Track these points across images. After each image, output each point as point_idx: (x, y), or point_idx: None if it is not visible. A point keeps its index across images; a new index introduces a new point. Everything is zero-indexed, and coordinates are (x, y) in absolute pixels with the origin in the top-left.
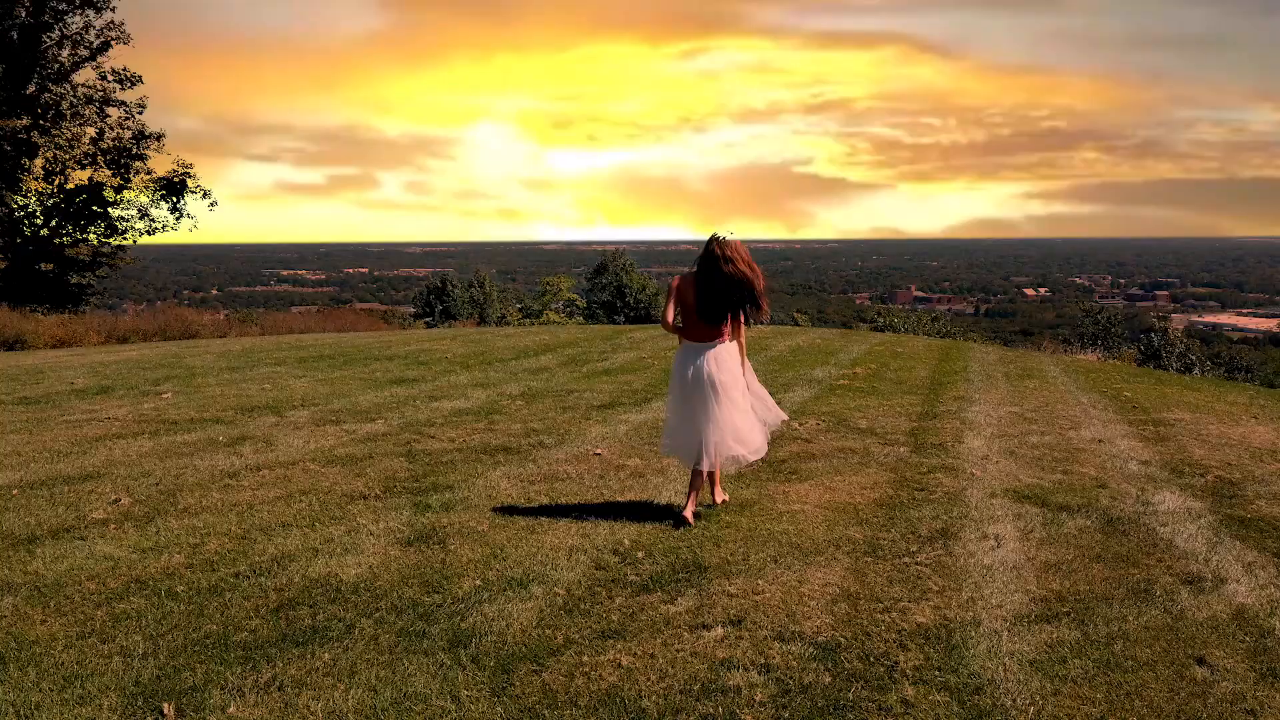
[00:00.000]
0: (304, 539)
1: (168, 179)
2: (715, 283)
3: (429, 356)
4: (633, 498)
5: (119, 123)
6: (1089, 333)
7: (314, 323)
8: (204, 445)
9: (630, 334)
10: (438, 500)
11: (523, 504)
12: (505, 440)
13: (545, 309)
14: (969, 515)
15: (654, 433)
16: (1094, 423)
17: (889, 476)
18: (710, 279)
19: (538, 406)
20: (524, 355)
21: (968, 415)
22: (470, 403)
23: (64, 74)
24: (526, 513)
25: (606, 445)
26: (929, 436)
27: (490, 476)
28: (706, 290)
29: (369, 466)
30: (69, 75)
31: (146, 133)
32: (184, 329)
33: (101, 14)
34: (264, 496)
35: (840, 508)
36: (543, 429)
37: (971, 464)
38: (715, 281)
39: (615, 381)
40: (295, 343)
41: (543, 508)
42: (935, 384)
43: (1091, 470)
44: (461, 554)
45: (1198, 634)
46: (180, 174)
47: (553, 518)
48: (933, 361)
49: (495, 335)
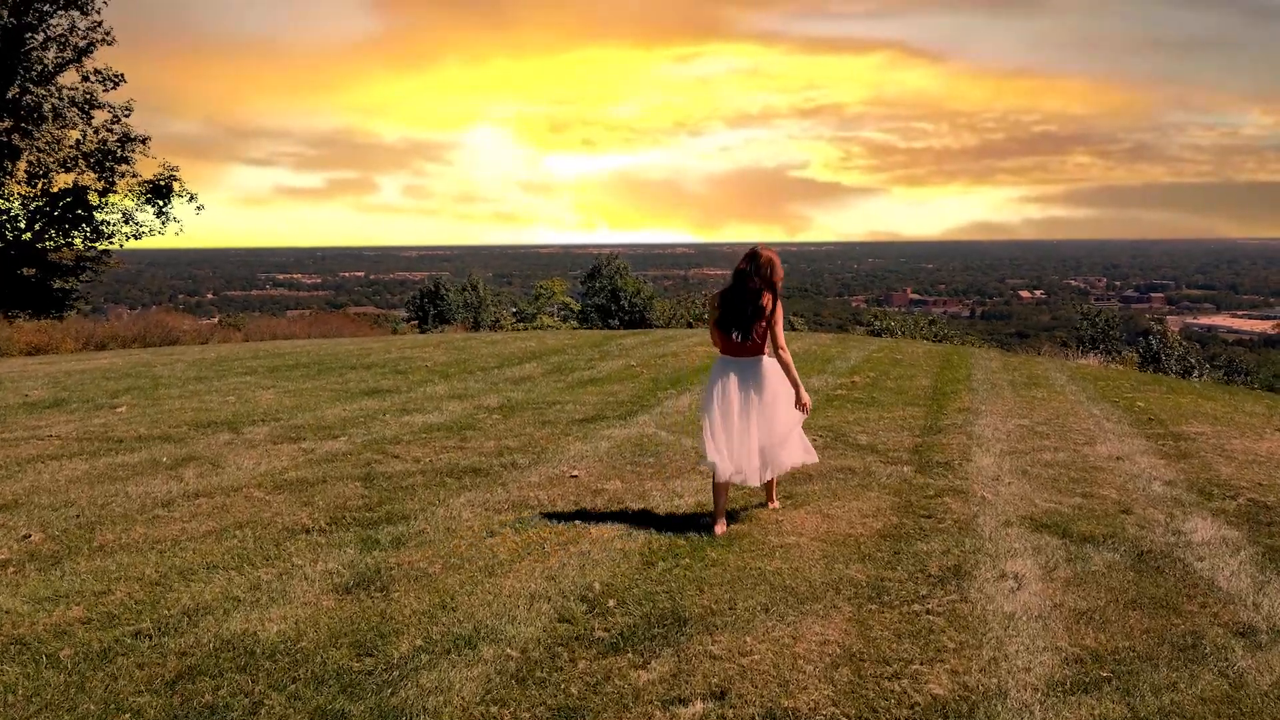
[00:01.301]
0: (227, 585)
1: (153, 182)
2: (733, 296)
3: (408, 365)
4: (608, 530)
5: (104, 125)
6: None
7: (299, 328)
8: (144, 468)
9: (620, 340)
10: (389, 534)
11: (485, 538)
12: (475, 460)
13: (539, 313)
14: (983, 549)
15: (637, 450)
16: (1109, 437)
17: (892, 501)
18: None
19: (515, 421)
20: (507, 363)
21: (974, 429)
22: (444, 417)
23: (48, 76)
24: (487, 549)
25: (585, 466)
26: (934, 453)
27: (452, 504)
28: (725, 303)
29: (320, 493)
30: (53, 77)
31: (132, 135)
32: (164, 335)
33: (87, 15)
34: (194, 531)
35: (840, 540)
36: (517, 447)
37: (982, 486)
38: (734, 295)
39: (601, 392)
40: (273, 350)
41: (506, 542)
42: (938, 394)
43: (1113, 493)
44: (405, 603)
45: (1264, 707)
46: (166, 177)
47: (515, 555)
48: (934, 369)
49: (481, 341)
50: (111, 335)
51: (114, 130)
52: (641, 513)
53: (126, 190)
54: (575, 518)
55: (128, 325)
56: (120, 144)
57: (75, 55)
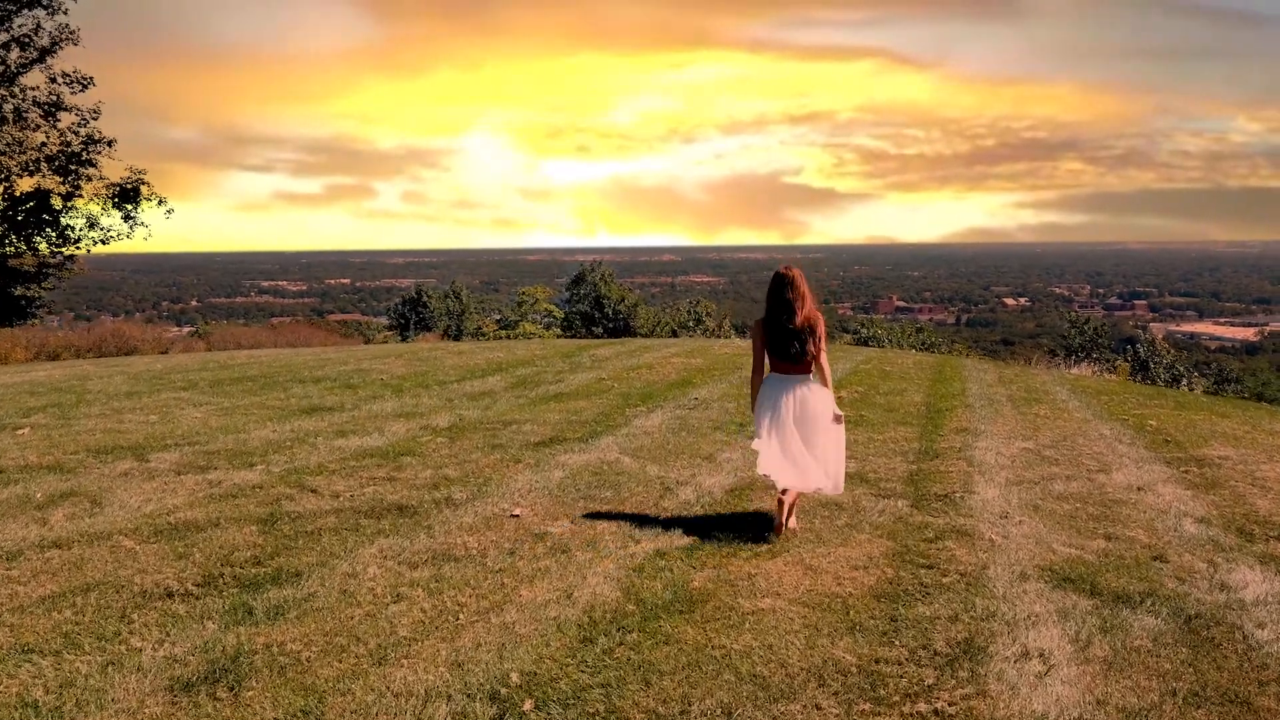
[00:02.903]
0: (29, 680)
1: (121, 185)
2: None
3: (362, 378)
4: (543, 590)
5: (71, 128)
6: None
7: (266, 337)
8: (9, 507)
9: (594, 351)
10: (269, 601)
11: (388, 604)
12: (404, 495)
13: (522, 320)
14: (998, 613)
15: (595, 481)
16: (1125, 463)
17: (886, 547)
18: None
19: (463, 444)
20: (470, 376)
21: (975, 453)
22: (383, 440)
23: (10, 76)
24: (386, 622)
25: (531, 501)
26: (932, 483)
27: (360, 556)
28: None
29: (204, 541)
30: (16, 78)
31: (97, 138)
32: (121, 345)
33: (53, 15)
34: (27, 597)
35: (825, 601)
36: (457, 477)
37: (989, 525)
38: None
39: (564, 409)
40: (225, 361)
41: (413, 609)
42: (932, 411)
43: (1140, 533)
44: (255, 711)
45: None
46: (134, 181)
47: (419, 630)
48: (926, 383)
49: (447, 352)
50: (66, 345)
51: (79, 133)
52: (588, 564)
53: (92, 194)
54: (505, 573)
55: (82, 335)
56: (85, 146)
57: (39, 55)
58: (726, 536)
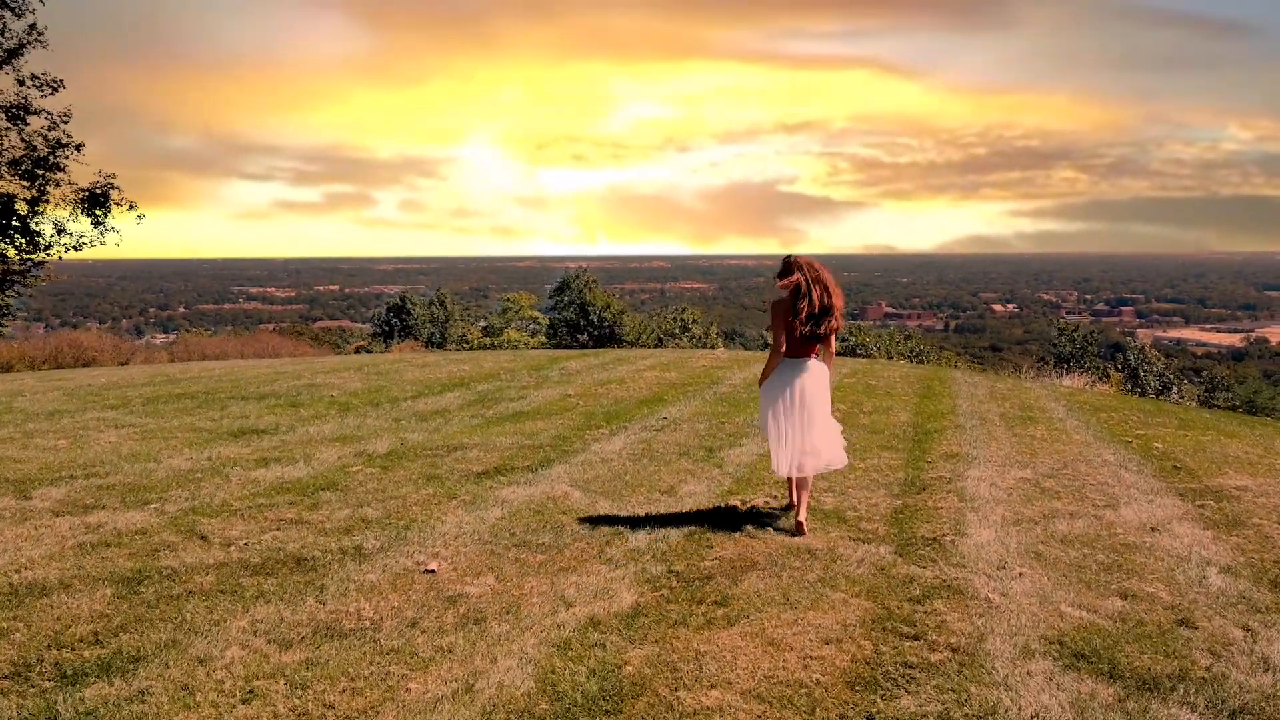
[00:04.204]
0: None
1: (90, 190)
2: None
3: (311, 395)
4: (438, 681)
5: (39, 131)
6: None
7: (233, 347)
8: None
9: (565, 363)
10: (81, 703)
11: (234, 706)
12: (307, 543)
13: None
14: (998, 707)
15: (534, 523)
16: (1133, 495)
17: (864, 610)
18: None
19: (396, 474)
20: (427, 392)
21: (967, 485)
22: (307, 470)
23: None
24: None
25: (454, 551)
26: (918, 524)
27: (226, 631)
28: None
29: (42, 610)
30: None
31: (64, 142)
32: (78, 356)
33: (20, 16)
34: None
35: (786, 695)
36: (377, 518)
37: (985, 578)
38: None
39: (519, 432)
40: (175, 375)
41: (264, 712)
42: (920, 433)
43: (1161, 589)
44: None
45: None
46: (103, 185)
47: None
48: (913, 398)
49: (411, 365)
50: (20, 356)
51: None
52: (502, 639)
53: (60, 199)
54: (396, 656)
55: (38, 345)
56: (52, 150)
57: (6, 57)
58: (678, 596)
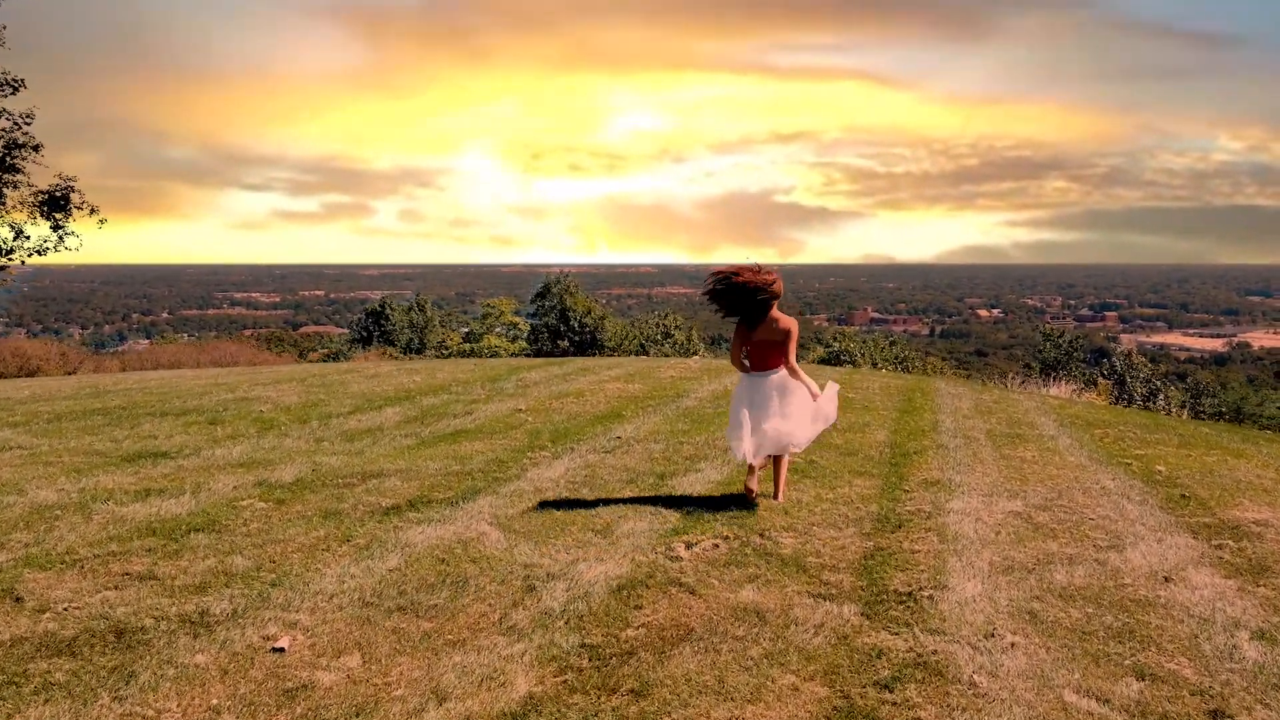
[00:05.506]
0: None
1: (49, 193)
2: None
3: (239, 410)
4: None
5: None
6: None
7: (189, 356)
8: None
9: (524, 374)
10: None
11: None
12: (144, 605)
13: (487, 333)
14: None
15: (435, 575)
16: (1140, 533)
17: (818, 703)
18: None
19: (291, 510)
20: (366, 407)
21: (949, 521)
22: (190, 504)
23: None
24: None
25: (320, 617)
26: (891, 572)
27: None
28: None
29: None
30: None
31: (21, 142)
32: (22, 365)
33: None
34: None
35: None
36: (244, 570)
37: (969, 651)
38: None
39: (452, 454)
40: (106, 386)
41: None
42: (898, 454)
43: (1185, 665)
44: None
45: None
46: (63, 188)
47: None
48: (893, 413)
49: (361, 375)
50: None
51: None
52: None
53: (18, 202)
54: None
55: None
56: (7, 151)
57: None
58: (586, 683)
